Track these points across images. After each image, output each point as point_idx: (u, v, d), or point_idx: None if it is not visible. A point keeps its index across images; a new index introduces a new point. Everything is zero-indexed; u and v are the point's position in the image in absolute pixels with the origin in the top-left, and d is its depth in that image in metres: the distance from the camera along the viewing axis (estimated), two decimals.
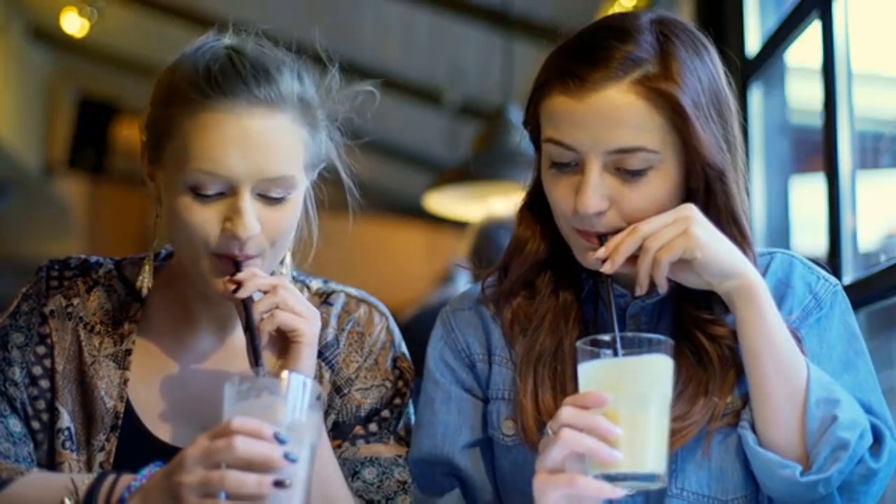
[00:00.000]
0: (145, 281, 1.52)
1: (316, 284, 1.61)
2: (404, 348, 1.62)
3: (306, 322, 1.40)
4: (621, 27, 1.37)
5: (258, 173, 1.38)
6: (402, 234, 8.74)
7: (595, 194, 1.34)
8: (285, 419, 1.21)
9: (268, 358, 1.39)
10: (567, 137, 1.35)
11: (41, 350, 1.50)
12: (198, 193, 1.38)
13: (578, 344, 1.27)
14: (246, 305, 1.38)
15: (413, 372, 1.60)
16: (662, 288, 1.35)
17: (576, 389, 1.27)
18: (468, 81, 5.76)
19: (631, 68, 1.33)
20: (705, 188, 1.38)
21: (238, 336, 1.54)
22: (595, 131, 1.33)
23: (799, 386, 1.32)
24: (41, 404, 1.48)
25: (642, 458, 1.20)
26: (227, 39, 1.46)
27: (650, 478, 1.21)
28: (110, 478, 1.32)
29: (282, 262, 1.53)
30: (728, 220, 1.39)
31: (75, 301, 1.52)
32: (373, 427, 1.54)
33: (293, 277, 1.59)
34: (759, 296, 1.33)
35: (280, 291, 1.39)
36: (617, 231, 1.36)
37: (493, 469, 1.49)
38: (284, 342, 1.41)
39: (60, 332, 1.50)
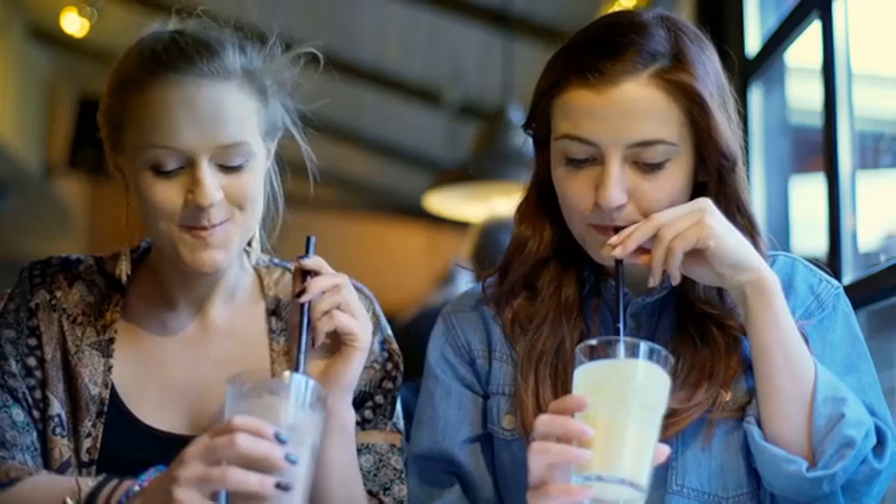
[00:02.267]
0: (123, 268, 1.53)
1: None
2: (390, 332, 1.62)
3: (363, 326, 1.40)
4: (635, 22, 1.39)
5: (212, 141, 1.40)
6: (402, 234, 8.74)
7: (617, 187, 1.35)
8: (287, 420, 1.21)
9: (313, 360, 1.39)
10: (585, 132, 1.36)
11: (32, 342, 1.51)
12: (158, 171, 1.41)
13: (576, 349, 1.25)
14: (303, 308, 1.37)
15: (401, 356, 1.60)
16: (675, 279, 1.34)
17: None
18: (468, 81, 5.77)
19: (649, 61, 1.35)
20: (718, 178, 1.40)
21: (216, 315, 1.55)
22: (616, 125, 1.34)
23: (807, 382, 1.33)
24: (38, 394, 1.49)
25: (616, 461, 1.16)
26: (171, 26, 1.50)
27: (623, 482, 1.16)
28: (114, 482, 1.33)
29: (250, 244, 1.56)
30: (739, 210, 1.41)
31: (58, 294, 1.54)
32: (367, 413, 1.55)
33: (272, 263, 1.62)
34: (771, 290, 1.33)
35: (343, 292, 1.39)
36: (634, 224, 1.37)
37: (493, 465, 1.49)
38: (335, 344, 1.41)
39: (47, 323, 1.52)
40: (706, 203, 1.35)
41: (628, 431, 1.17)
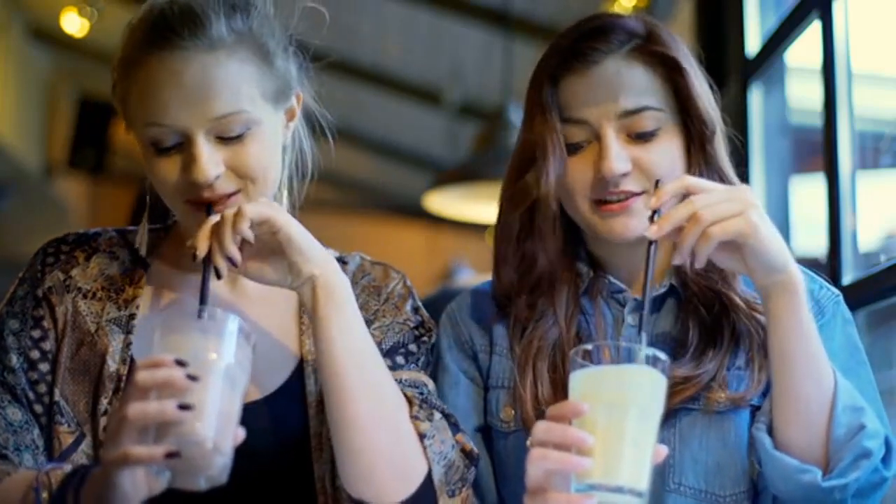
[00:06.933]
0: (143, 239, 1.53)
1: (330, 251, 1.56)
2: (420, 303, 1.60)
3: (273, 210, 1.36)
4: (608, 12, 1.50)
5: (203, 115, 1.38)
6: (402, 234, 8.74)
7: (618, 156, 1.40)
8: (189, 350, 1.20)
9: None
10: (576, 113, 1.43)
11: (37, 333, 1.49)
12: (157, 148, 1.41)
13: (571, 353, 1.24)
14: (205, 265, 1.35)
15: (433, 322, 1.59)
16: (700, 263, 1.29)
17: None
18: (468, 81, 5.77)
19: (625, 40, 1.44)
20: (701, 147, 1.44)
21: (246, 282, 1.50)
22: (602, 100, 1.42)
23: (827, 389, 1.32)
24: (42, 387, 1.46)
25: (616, 469, 1.15)
26: None
27: (622, 490, 1.15)
28: (80, 472, 1.30)
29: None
30: (722, 181, 1.43)
31: (73, 272, 1.52)
32: (399, 359, 1.51)
33: None
34: (799, 293, 1.31)
35: (237, 211, 1.36)
36: (643, 192, 1.41)
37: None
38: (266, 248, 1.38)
39: (61, 308, 1.49)
40: (750, 193, 1.30)
41: (627, 438, 1.16)
